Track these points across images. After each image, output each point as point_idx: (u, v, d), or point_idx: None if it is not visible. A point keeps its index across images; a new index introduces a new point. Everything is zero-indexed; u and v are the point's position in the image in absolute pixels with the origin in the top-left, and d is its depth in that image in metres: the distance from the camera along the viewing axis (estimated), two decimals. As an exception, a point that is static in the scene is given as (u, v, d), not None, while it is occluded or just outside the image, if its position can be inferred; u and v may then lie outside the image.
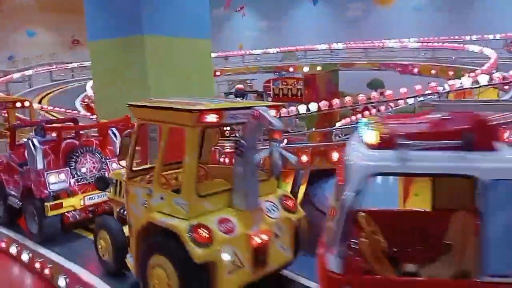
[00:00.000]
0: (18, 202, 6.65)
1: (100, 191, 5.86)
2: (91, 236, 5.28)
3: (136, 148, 4.48)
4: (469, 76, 6.81)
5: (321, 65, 17.76)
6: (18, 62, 26.45)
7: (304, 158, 6.72)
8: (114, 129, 6.27)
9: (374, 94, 6.59)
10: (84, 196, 6.29)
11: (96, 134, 7.08)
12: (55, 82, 21.99)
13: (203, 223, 3.74)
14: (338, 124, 8.94)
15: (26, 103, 8.77)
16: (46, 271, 5.11)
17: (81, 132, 7.01)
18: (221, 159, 8.46)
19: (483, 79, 6.32)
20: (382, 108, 8.68)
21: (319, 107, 6.63)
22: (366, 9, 21.51)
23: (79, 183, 6.33)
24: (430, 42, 15.98)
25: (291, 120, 10.23)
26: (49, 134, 6.65)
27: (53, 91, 19.21)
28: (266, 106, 3.81)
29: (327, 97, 9.31)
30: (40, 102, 16.20)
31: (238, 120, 3.95)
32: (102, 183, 5.17)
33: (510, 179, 2.35)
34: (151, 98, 4.93)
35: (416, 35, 17.61)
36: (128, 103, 4.21)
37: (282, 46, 20.03)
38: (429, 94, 6.29)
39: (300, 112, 6.88)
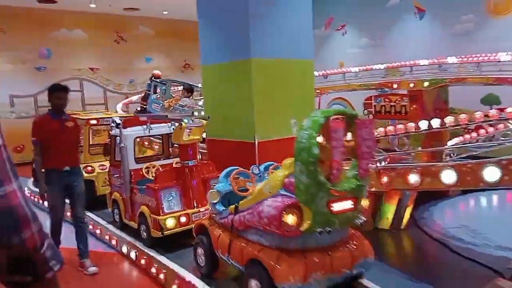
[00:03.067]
0: None
1: None
2: None
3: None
4: None
5: (428, 81, 16.79)
6: (137, 85, 29.19)
7: (413, 178, 6.40)
8: None
9: (492, 112, 6.09)
10: None
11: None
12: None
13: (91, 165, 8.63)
14: (449, 143, 8.37)
15: None
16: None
17: None
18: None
19: None
20: (501, 126, 7.92)
21: (429, 125, 6.31)
22: (479, 21, 19.86)
23: None
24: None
25: (394, 138, 9.85)
26: None
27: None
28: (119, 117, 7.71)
29: (435, 114, 8.78)
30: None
31: (108, 123, 8.41)
32: None
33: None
34: None
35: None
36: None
37: (385, 62, 19.33)
38: (559, 111, 5.63)
39: (408, 130, 6.60)
